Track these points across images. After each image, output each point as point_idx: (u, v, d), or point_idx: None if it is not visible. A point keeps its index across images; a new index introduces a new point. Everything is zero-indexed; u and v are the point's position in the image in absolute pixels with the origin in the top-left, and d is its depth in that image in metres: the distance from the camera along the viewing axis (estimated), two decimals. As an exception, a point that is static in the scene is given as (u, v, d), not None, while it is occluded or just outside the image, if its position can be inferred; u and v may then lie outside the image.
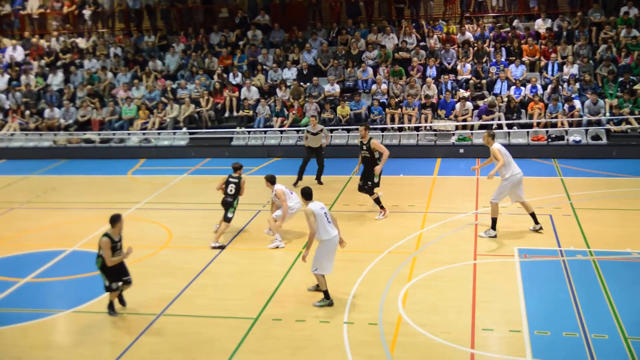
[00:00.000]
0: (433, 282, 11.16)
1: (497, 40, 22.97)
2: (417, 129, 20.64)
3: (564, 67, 21.34)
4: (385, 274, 11.54)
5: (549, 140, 19.42)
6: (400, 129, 20.70)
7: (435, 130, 20.46)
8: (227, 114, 22.69)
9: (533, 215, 13.05)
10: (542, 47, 22.29)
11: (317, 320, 10.06)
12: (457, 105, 20.42)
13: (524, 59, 21.99)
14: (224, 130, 21.94)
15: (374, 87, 22.09)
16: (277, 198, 13.35)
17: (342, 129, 21.05)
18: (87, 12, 27.81)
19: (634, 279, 10.96)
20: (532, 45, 22.28)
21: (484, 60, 22.27)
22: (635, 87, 20.05)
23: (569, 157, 18.90)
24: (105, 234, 10.04)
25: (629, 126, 19.24)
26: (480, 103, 20.71)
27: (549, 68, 21.61)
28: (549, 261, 11.77)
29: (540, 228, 13.07)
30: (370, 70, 22.72)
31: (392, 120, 20.85)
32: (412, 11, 25.31)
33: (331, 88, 22.28)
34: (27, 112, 23.71)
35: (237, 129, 21.82)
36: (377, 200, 14.67)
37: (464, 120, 20.25)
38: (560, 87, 20.62)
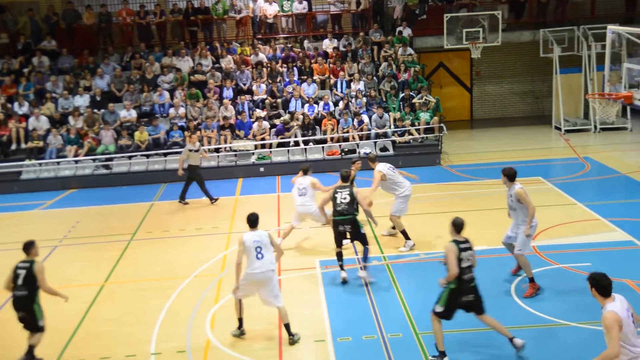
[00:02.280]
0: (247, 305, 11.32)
1: (288, 60, 23.88)
2: (217, 150, 20.82)
3: (352, 84, 22.72)
4: (192, 299, 11.51)
5: (343, 154, 20.54)
6: (201, 152, 20.73)
7: (235, 151, 20.76)
8: (14, 146, 21.23)
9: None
10: (331, 65, 23.55)
11: (122, 355, 9.79)
12: (255, 125, 20.91)
13: (314, 77, 23.07)
14: (12, 163, 20.50)
15: (171, 110, 21.93)
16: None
17: (142, 155, 20.63)
18: None
19: (423, 278, 11.93)
20: (322, 64, 23.45)
21: (277, 80, 23.03)
22: (414, 100, 21.87)
23: (361, 168, 19.96)
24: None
25: (410, 137, 20.94)
26: (277, 122, 21.37)
27: (338, 85, 22.88)
28: (348, 270, 12.43)
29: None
30: (166, 94, 22.53)
31: (192, 143, 20.81)
32: (206, 34, 25.49)
33: (127, 114, 21.76)
34: None
35: (27, 162, 20.49)
36: None
37: (263, 139, 20.78)
38: (349, 103, 21.90)
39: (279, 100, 22.41)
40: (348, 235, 11.97)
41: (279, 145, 20.80)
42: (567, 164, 19.96)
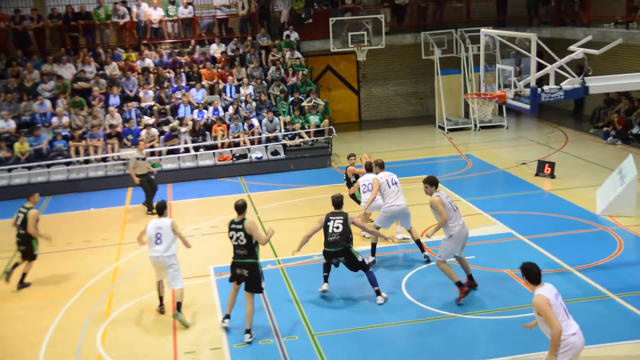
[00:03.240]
0: (132, 315, 11.11)
1: (176, 65, 23.55)
2: (104, 159, 20.22)
3: (241, 88, 22.70)
4: (82, 314, 11.18)
5: (234, 159, 20.51)
6: (87, 162, 20.09)
7: (123, 159, 20.22)
8: None
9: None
10: (219, 70, 23.44)
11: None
12: (143, 133, 20.45)
13: (203, 82, 22.87)
14: None
15: (54, 120, 21.09)
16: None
17: (23, 167, 19.71)
18: None
19: (317, 279, 12.11)
20: (210, 69, 23.30)
21: (165, 85, 22.66)
22: (303, 104, 22.15)
23: (253, 173, 20.18)
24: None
25: (301, 140, 21.19)
26: (166, 129, 21.03)
27: (227, 90, 22.81)
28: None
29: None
30: (48, 103, 21.64)
31: (77, 153, 20.13)
32: (88, 40, 24.70)
33: (5, 124, 20.72)
34: None
35: None
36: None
37: (152, 146, 20.37)
38: (239, 107, 21.88)
39: (168, 107, 22.06)
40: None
41: (169, 152, 20.47)
42: (451, 161, 20.84)
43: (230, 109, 21.86)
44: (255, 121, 21.29)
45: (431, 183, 10.79)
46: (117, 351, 9.92)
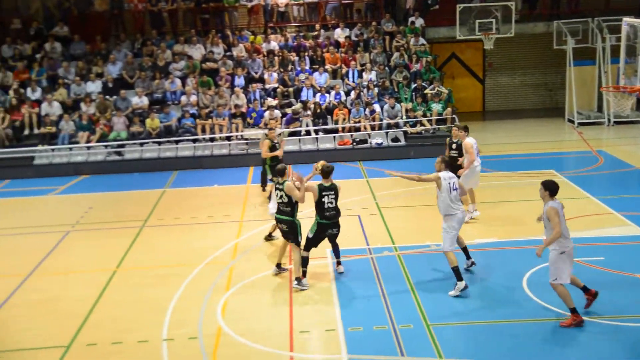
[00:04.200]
0: (250, 290, 11.35)
1: (300, 49, 23.81)
2: (228, 138, 20.83)
3: (363, 73, 22.64)
4: (203, 287, 11.54)
5: (354, 144, 20.51)
6: (212, 140, 20.78)
7: (246, 139, 20.76)
8: (27, 132, 21.34)
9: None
10: (343, 55, 23.47)
11: (135, 341, 9.84)
12: (266, 114, 20.89)
13: (326, 66, 22.99)
14: (25, 149, 20.59)
15: (183, 98, 21.95)
16: None
17: (153, 142, 20.67)
18: None
19: (433, 269, 11.91)
20: (334, 53, 23.38)
21: (289, 68, 22.99)
22: (426, 91, 21.79)
23: (372, 159, 20.10)
24: None
25: (422, 127, 20.88)
26: (288, 111, 21.34)
27: (350, 75, 22.82)
28: (359, 260, 12.43)
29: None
30: (178, 82, 22.54)
31: (204, 131, 20.86)
32: (217, 22, 25.47)
33: (139, 100, 21.79)
34: None
35: (40, 147, 20.59)
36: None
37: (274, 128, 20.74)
38: (361, 93, 21.84)
39: (291, 89, 22.39)
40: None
41: (290, 134, 20.77)
42: (581, 157, 19.84)
43: (352, 94, 21.87)
44: (377, 107, 21.18)
45: (546, 187, 9.58)
46: (235, 324, 10.16)
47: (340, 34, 24.45)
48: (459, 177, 12.67)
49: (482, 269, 11.60)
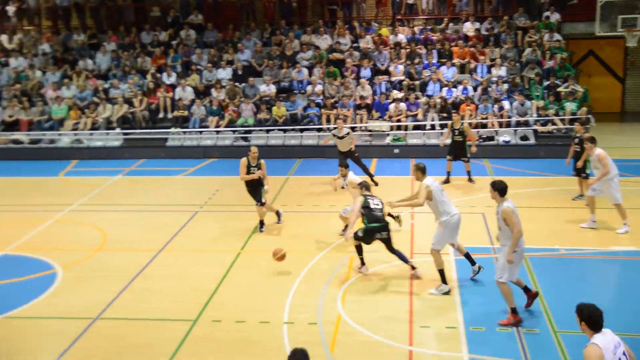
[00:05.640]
0: (370, 281, 11.33)
1: (427, 42, 23.47)
2: (352, 129, 20.83)
3: (493, 69, 22.00)
4: (324, 274, 11.64)
5: (480, 140, 19.99)
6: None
7: (370, 131, 20.75)
8: (161, 115, 22.39)
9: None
10: (472, 49, 22.90)
11: (257, 321, 10.07)
12: (392, 106, 20.77)
13: (454, 60, 22.54)
14: (159, 130, 21.64)
15: (309, 87, 22.23)
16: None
17: (279, 130, 21.09)
18: (10, 9, 26.87)
19: (562, 274, 11.40)
20: (462, 47, 22.86)
21: (416, 61, 22.72)
22: (559, 89, 20.86)
23: (499, 157, 19.52)
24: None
25: (554, 127, 20.02)
26: (412, 100, 21.07)
27: (479, 70, 22.23)
28: (483, 259, 12.07)
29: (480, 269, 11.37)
30: (305, 71, 22.85)
31: (328, 120, 21.04)
32: (345, 13, 25.59)
33: (267, 88, 22.29)
34: (-50, 112, 22.80)
35: (172, 130, 21.57)
36: None
37: (399, 120, 20.61)
38: (489, 88, 21.23)
39: (417, 83, 22.13)
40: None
41: (415, 127, 20.54)
42: None
43: (479, 90, 21.31)
44: (506, 104, 20.53)
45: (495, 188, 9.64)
46: (354, 314, 10.17)
47: (469, 27, 23.88)
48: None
49: (622, 279, 10.99)
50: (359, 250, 11.56)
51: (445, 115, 20.51)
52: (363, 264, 11.65)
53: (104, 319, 10.27)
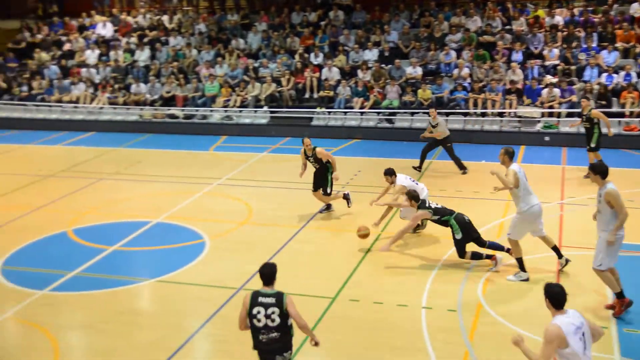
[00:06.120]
0: (514, 271, 10.89)
1: (587, 24, 22.10)
2: (500, 114, 20.16)
3: (661, 54, 20.38)
4: (465, 261, 11.36)
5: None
6: (483, 114, 20.29)
7: (519, 117, 19.92)
8: (307, 94, 22.77)
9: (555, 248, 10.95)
10: (638, 32, 21.29)
11: (394, 303, 10.01)
12: (544, 92, 19.80)
13: (617, 44, 21.08)
14: (305, 110, 22.04)
15: (456, 71, 21.69)
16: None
17: (424, 113, 20.77)
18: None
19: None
20: (627, 30, 21.31)
21: (573, 45, 21.48)
22: None
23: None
24: None
25: None
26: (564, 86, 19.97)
27: (645, 55, 20.67)
28: (633, 257, 11.26)
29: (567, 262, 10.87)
30: (453, 54, 22.31)
31: (475, 105, 20.44)
32: (498, -6, 24.70)
33: (413, 71, 22.01)
34: (116, 87, 24.45)
35: (318, 109, 21.89)
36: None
37: (551, 107, 19.62)
38: (655, 75, 19.70)
39: (573, 67, 20.92)
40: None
41: (569, 115, 19.46)
42: None
43: (644, 76, 19.82)
44: (676, 92, 18.97)
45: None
46: (496, 304, 9.85)
47: (637, 8, 22.20)
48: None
49: None
50: (478, 256, 11.03)
51: (604, 102, 19.22)
52: (493, 259, 11.07)
53: (248, 289, 10.61)
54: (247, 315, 6.81)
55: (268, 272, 7.05)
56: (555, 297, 6.12)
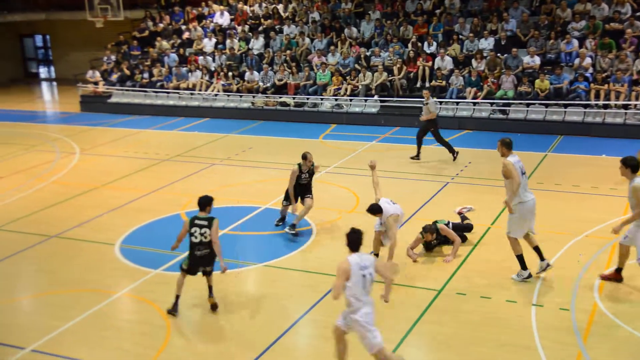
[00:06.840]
0: (635, 273, 10.25)
1: None
2: (625, 107, 19.02)
3: None
4: (581, 259, 10.83)
5: None
6: (606, 106, 19.21)
7: (643, 109, 18.76)
8: (419, 84, 22.42)
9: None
10: None
11: (503, 299, 9.69)
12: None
13: None
14: (415, 99, 21.69)
15: (577, 60, 20.64)
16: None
17: (540, 104, 19.95)
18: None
19: None
20: None
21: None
22: None
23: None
24: None
25: None
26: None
27: None
28: None
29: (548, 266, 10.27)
30: (575, 42, 21.25)
31: (597, 96, 19.39)
32: (630, -22, 23.20)
33: (530, 60, 21.16)
34: (230, 74, 25.09)
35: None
36: None
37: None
38: None
39: None
40: None
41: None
42: None
43: None
44: None
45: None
46: (613, 305, 9.34)
47: None
48: None
49: None
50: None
51: None
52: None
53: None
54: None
55: (202, 202, 9.51)
56: (354, 242, 7.46)
